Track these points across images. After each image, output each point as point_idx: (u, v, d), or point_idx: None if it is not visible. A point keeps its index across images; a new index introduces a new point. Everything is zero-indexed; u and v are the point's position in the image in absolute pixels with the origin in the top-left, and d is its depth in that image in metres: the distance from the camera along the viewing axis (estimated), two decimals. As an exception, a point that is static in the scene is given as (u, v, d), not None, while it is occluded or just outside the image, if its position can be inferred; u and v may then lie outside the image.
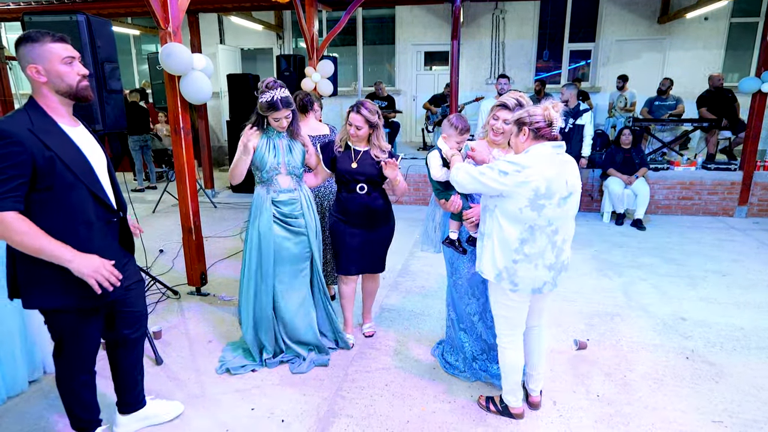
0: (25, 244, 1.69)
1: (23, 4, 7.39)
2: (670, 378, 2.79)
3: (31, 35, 1.75)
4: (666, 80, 7.46)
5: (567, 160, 2.14)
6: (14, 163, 1.66)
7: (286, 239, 2.81)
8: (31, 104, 1.81)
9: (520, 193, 2.05)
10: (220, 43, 10.27)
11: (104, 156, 2.02)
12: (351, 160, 2.86)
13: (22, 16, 2.94)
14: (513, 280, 2.17)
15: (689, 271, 4.44)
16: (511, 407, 2.44)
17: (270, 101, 2.62)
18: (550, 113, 2.08)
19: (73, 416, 2.12)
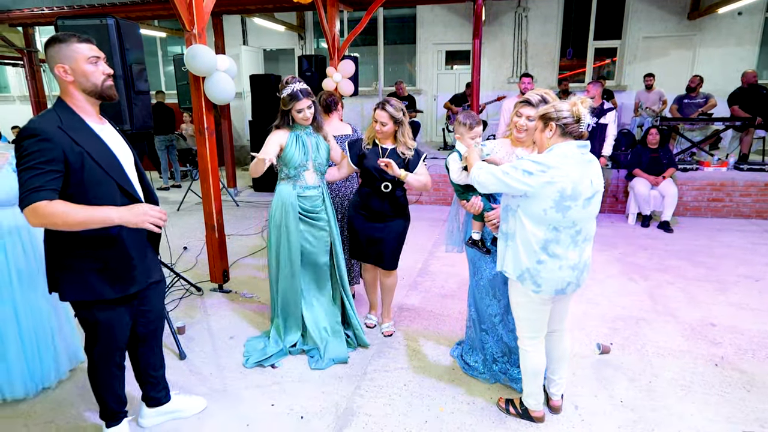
0: (69, 221, 1.72)
1: (56, 9, 7.64)
2: (698, 385, 2.71)
3: (58, 37, 1.83)
4: (695, 77, 7.24)
5: (591, 160, 2.09)
6: (47, 159, 1.72)
7: (311, 234, 2.94)
8: (59, 104, 1.88)
9: (544, 193, 2.01)
10: (244, 44, 10.42)
11: (131, 153, 2.08)
12: (378, 158, 2.92)
13: (56, 20, 3.03)
14: (536, 281, 2.13)
15: (719, 275, 4.31)
16: (531, 410, 2.40)
17: (291, 93, 2.77)
18: (578, 109, 2.02)
19: (103, 406, 2.20)
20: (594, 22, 9.24)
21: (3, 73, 12.34)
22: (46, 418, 2.47)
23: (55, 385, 2.71)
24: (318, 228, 2.95)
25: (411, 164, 2.97)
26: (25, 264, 2.52)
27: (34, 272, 2.54)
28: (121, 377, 2.20)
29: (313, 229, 2.94)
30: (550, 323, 2.36)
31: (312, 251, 2.97)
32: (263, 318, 3.55)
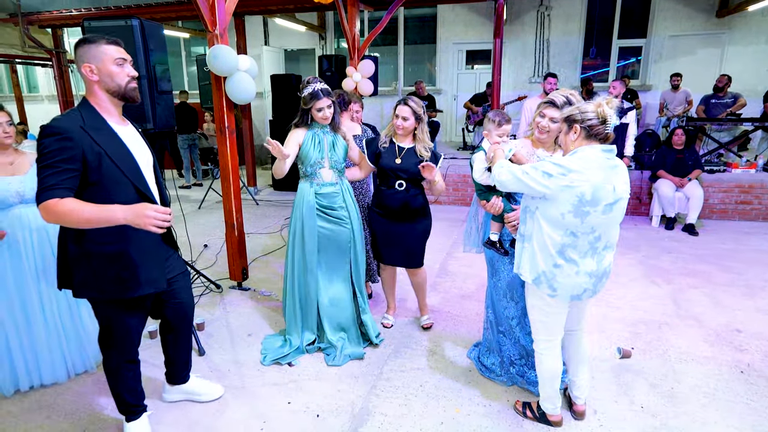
0: (78, 219, 1.74)
1: (84, 11, 7.84)
2: (722, 392, 2.63)
3: (88, 38, 1.88)
4: (723, 77, 7.03)
5: (616, 165, 2.01)
6: (66, 157, 1.76)
7: (329, 230, 2.96)
8: (83, 103, 1.93)
9: (563, 197, 1.97)
10: (265, 44, 10.52)
11: (151, 155, 2.12)
12: (395, 156, 2.95)
13: (83, 21, 3.11)
14: (552, 285, 2.10)
15: (747, 280, 4.18)
16: (549, 415, 2.37)
17: (312, 92, 2.82)
18: (604, 110, 1.95)
19: (120, 400, 2.24)
20: (618, 21, 9.07)
21: (32, 73, 12.72)
22: (68, 409, 2.54)
23: (81, 377, 2.78)
24: (337, 224, 2.97)
25: None
26: (52, 259, 2.61)
27: None
28: (136, 372, 2.24)
29: (332, 225, 2.97)
30: (568, 324, 2.32)
31: (331, 247, 2.99)
32: (281, 316, 3.57)
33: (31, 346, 2.60)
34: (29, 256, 2.56)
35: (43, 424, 2.42)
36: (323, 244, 2.98)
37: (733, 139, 6.96)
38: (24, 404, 2.57)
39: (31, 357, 2.62)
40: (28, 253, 2.56)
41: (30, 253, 2.57)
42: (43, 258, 2.60)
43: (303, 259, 2.98)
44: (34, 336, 2.60)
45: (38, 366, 2.65)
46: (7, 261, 2.52)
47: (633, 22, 9.05)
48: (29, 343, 2.60)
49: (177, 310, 2.32)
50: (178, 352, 2.46)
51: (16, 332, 2.57)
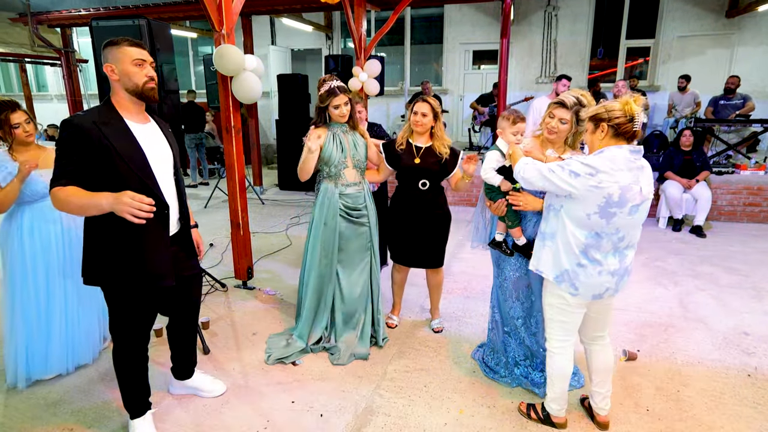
0: (73, 205, 1.87)
1: (92, 10, 7.90)
2: (729, 396, 2.61)
3: (113, 40, 2.00)
4: (733, 78, 6.96)
5: (643, 166, 1.98)
6: (75, 149, 1.89)
7: (351, 230, 2.97)
8: (106, 101, 2.03)
9: (590, 197, 1.94)
10: (272, 44, 10.56)
11: (170, 153, 2.16)
12: (413, 156, 2.95)
13: (91, 21, 3.13)
14: (574, 284, 2.07)
15: (754, 282, 4.15)
16: (553, 416, 2.35)
17: (329, 89, 2.83)
18: (631, 107, 1.91)
19: (126, 395, 2.26)
20: (626, 21, 9.01)
21: (42, 72, 12.84)
22: (74, 407, 2.56)
23: (87, 374, 2.81)
24: (359, 224, 2.99)
25: (448, 164, 2.95)
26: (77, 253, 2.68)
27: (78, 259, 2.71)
28: (143, 368, 2.26)
29: (354, 226, 2.98)
30: (592, 329, 2.29)
31: (351, 246, 3.00)
32: (286, 315, 3.59)
33: (49, 338, 2.68)
34: (58, 248, 2.66)
35: (50, 421, 2.44)
36: (344, 243, 2.98)
37: (741, 141, 6.90)
38: (31, 401, 2.59)
39: (49, 349, 2.69)
40: (58, 245, 2.66)
41: (59, 245, 2.67)
42: (71, 250, 2.70)
43: (323, 258, 2.98)
44: (52, 328, 2.68)
45: (47, 358, 2.71)
46: (39, 253, 2.61)
47: (641, 22, 8.99)
48: (47, 336, 2.68)
49: (184, 309, 2.40)
50: (182, 349, 2.53)
51: (37, 325, 2.65)
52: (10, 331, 2.64)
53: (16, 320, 2.62)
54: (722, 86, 7.13)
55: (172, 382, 2.64)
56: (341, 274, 3.03)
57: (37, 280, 2.62)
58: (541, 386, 2.62)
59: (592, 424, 2.39)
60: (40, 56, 9.25)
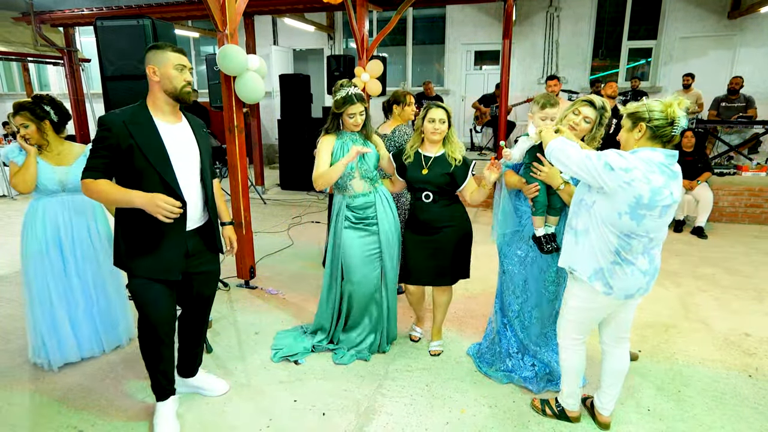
0: (106, 198, 2.07)
1: (96, 10, 7.92)
2: (729, 396, 2.62)
3: (158, 45, 2.14)
4: (737, 78, 6.92)
5: (676, 172, 1.93)
6: (105, 145, 2.04)
7: (358, 242, 2.87)
8: (141, 101, 2.16)
9: (620, 195, 1.89)
10: (274, 44, 10.57)
11: (197, 152, 2.26)
12: (421, 167, 2.77)
13: (95, 20, 3.15)
14: (608, 283, 2.03)
15: (756, 283, 4.15)
16: (569, 411, 2.37)
17: (345, 96, 2.75)
18: (674, 110, 1.86)
19: (153, 379, 2.36)
20: (628, 22, 9.01)
21: (44, 71, 12.86)
22: (79, 405, 2.57)
23: (109, 365, 2.85)
24: (368, 232, 2.88)
25: (458, 176, 2.74)
26: (89, 243, 2.89)
27: (100, 250, 2.93)
28: (167, 356, 2.33)
29: (363, 237, 2.87)
30: (616, 330, 2.27)
31: (361, 258, 2.87)
32: (288, 314, 3.60)
33: (76, 322, 2.87)
34: (69, 239, 2.81)
35: (54, 419, 2.45)
36: (350, 251, 2.86)
37: (743, 142, 6.90)
38: (36, 399, 2.61)
39: (76, 333, 2.88)
40: (69, 236, 2.81)
41: (71, 237, 2.81)
42: (81, 241, 2.85)
43: (333, 267, 2.96)
44: (75, 313, 2.86)
45: (79, 341, 2.91)
46: (51, 244, 2.76)
47: (643, 23, 8.99)
48: (74, 321, 2.86)
49: (196, 304, 2.44)
50: (189, 345, 2.55)
51: (65, 310, 2.82)
52: (33, 317, 2.80)
53: (35, 307, 2.78)
54: (724, 87, 7.13)
55: (177, 380, 2.62)
56: (347, 281, 2.92)
57: (53, 269, 2.78)
58: (531, 382, 2.67)
59: (593, 423, 2.40)
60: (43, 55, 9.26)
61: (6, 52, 8.90)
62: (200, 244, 2.32)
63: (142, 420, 2.44)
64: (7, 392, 2.67)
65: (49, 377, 2.79)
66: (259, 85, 3.76)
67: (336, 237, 2.91)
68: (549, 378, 2.69)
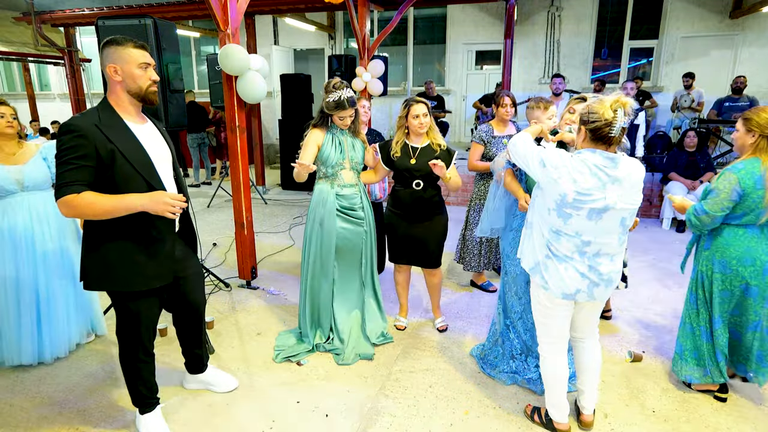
0: (98, 211, 1.86)
1: (96, 10, 7.91)
2: (735, 398, 2.60)
3: (116, 39, 1.96)
4: (741, 78, 6.88)
5: (619, 178, 1.89)
6: (81, 154, 1.85)
7: (347, 231, 2.97)
8: (103, 103, 2.00)
9: (549, 191, 1.97)
10: (275, 44, 10.56)
11: (169, 151, 2.17)
12: (409, 157, 2.95)
13: (97, 20, 3.13)
14: (543, 276, 2.08)
15: (759, 283, 4.13)
16: (555, 422, 2.30)
17: (338, 100, 2.79)
18: (609, 111, 1.85)
19: (134, 392, 2.29)
20: (630, 22, 9.00)
21: (44, 71, 12.85)
22: (80, 405, 2.56)
23: (93, 372, 2.82)
24: (355, 224, 2.99)
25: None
26: (50, 244, 2.81)
27: (57, 253, 2.85)
28: (150, 365, 2.28)
29: (350, 226, 2.98)
30: (574, 331, 2.28)
31: (348, 248, 3.00)
32: (289, 315, 3.59)
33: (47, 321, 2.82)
34: (29, 240, 2.74)
35: (55, 420, 2.44)
36: (341, 245, 2.98)
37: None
38: (36, 400, 2.60)
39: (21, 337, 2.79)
40: (29, 237, 2.74)
41: (30, 237, 2.75)
42: (42, 243, 2.79)
43: (319, 260, 2.98)
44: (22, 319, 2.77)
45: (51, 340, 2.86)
46: (8, 245, 2.71)
47: (645, 23, 8.97)
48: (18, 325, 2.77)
49: (188, 308, 2.40)
50: (190, 346, 2.56)
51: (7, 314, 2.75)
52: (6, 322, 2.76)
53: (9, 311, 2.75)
54: (726, 87, 7.12)
55: (186, 376, 2.68)
56: (337, 275, 3.03)
57: (4, 271, 2.72)
58: (535, 383, 2.65)
59: (600, 427, 2.38)
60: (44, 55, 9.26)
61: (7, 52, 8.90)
62: (183, 246, 2.28)
63: (144, 421, 2.42)
64: (8, 393, 2.65)
65: (51, 378, 2.78)
66: (261, 84, 3.74)
67: (326, 225, 2.92)
68: None
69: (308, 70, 10.83)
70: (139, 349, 2.20)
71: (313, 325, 3.10)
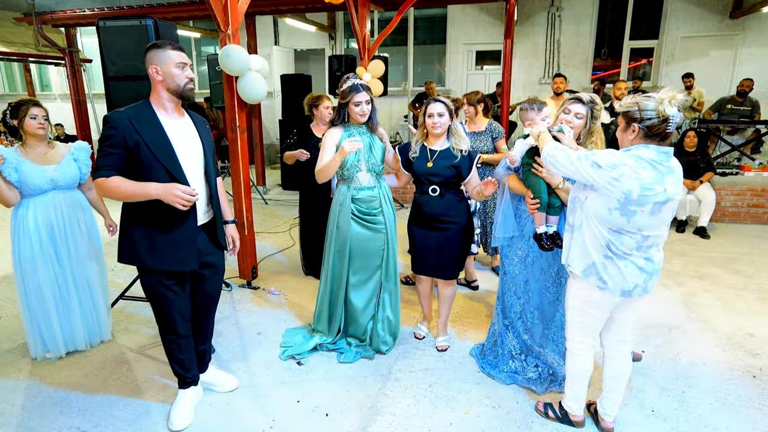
0: (123, 194, 2.08)
1: (97, 10, 7.92)
2: (734, 397, 2.61)
3: (158, 43, 2.16)
4: (747, 81, 6.79)
5: (672, 168, 1.92)
6: (112, 143, 2.08)
7: (363, 235, 2.89)
8: (144, 100, 2.21)
9: (610, 191, 1.89)
10: (275, 44, 10.56)
11: (200, 147, 2.30)
12: (426, 160, 2.82)
13: (98, 21, 3.14)
14: (602, 277, 2.01)
15: (759, 283, 4.14)
16: (572, 414, 2.35)
17: (352, 85, 2.78)
18: (665, 108, 1.83)
19: (173, 369, 2.46)
20: (630, 22, 9.00)
21: (45, 72, 12.86)
22: (80, 406, 2.57)
23: (92, 372, 2.83)
24: (374, 230, 2.89)
25: (462, 169, 2.79)
26: (80, 239, 2.95)
27: (87, 246, 2.99)
28: (184, 346, 2.40)
29: (368, 231, 2.89)
30: (616, 332, 2.23)
31: (365, 253, 2.90)
32: (290, 315, 3.60)
33: (67, 316, 2.94)
34: (62, 236, 2.87)
35: (57, 420, 2.45)
36: (357, 249, 2.89)
37: (745, 141, 6.88)
38: (38, 400, 2.61)
39: (66, 326, 2.95)
40: (61, 233, 2.87)
41: (63, 233, 2.87)
42: (74, 238, 2.92)
43: (338, 263, 2.94)
44: (69, 307, 2.94)
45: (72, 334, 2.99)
46: (47, 241, 2.83)
47: (645, 23, 8.97)
48: (66, 314, 2.93)
49: (204, 297, 2.47)
50: (197, 342, 2.57)
51: (54, 305, 2.89)
52: (29, 313, 2.88)
53: (31, 303, 2.86)
54: (726, 87, 7.10)
55: None
56: (351, 279, 2.94)
57: (46, 265, 2.84)
58: (536, 383, 2.66)
59: (597, 429, 2.38)
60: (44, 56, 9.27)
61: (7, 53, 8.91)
62: (206, 240, 2.37)
63: (145, 420, 2.44)
64: (10, 393, 2.67)
65: (53, 378, 2.79)
66: (262, 85, 3.75)
67: (341, 228, 2.88)
68: (552, 379, 2.68)
69: (309, 71, 10.83)
70: (168, 330, 2.35)
71: (322, 323, 3.09)
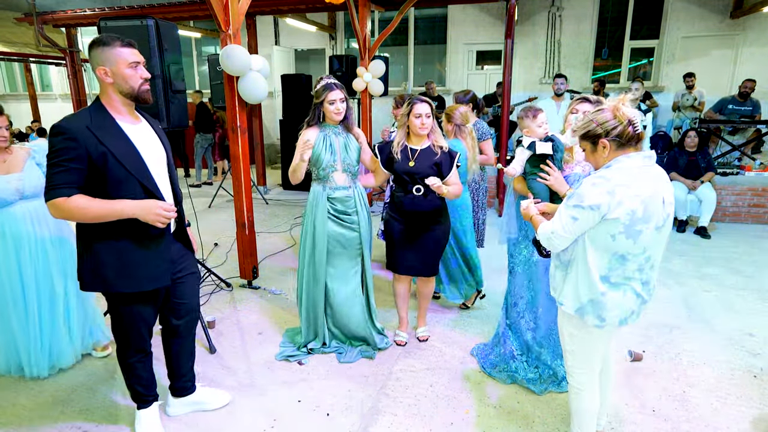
0: (89, 215, 1.85)
1: (98, 10, 7.92)
2: (734, 397, 2.61)
3: (102, 39, 1.89)
4: (749, 82, 6.76)
5: (659, 174, 1.77)
6: (71, 156, 1.82)
7: (340, 234, 2.91)
8: (95, 103, 1.96)
9: (613, 216, 1.70)
10: (275, 44, 10.57)
11: (164, 152, 2.12)
12: (408, 159, 2.83)
13: (99, 21, 3.14)
14: (600, 315, 1.83)
15: (760, 283, 4.14)
16: None
17: (326, 84, 2.80)
18: (623, 112, 1.73)
19: (131, 390, 2.29)
20: (630, 22, 9.00)
21: (46, 72, 12.87)
22: (82, 405, 2.57)
23: (96, 372, 2.83)
24: (348, 229, 2.92)
25: (444, 167, 2.82)
26: (52, 250, 2.70)
27: (56, 259, 2.73)
28: (147, 363, 2.26)
29: (343, 230, 2.91)
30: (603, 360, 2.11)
31: (341, 252, 2.94)
32: (291, 315, 3.60)
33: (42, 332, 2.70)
34: (31, 248, 2.63)
35: (58, 419, 2.46)
36: (334, 249, 2.91)
37: (745, 141, 6.88)
38: (39, 400, 2.61)
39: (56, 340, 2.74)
40: (31, 246, 2.63)
41: (33, 246, 2.64)
42: (44, 250, 2.68)
43: (312, 264, 2.93)
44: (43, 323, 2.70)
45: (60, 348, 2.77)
46: (12, 254, 2.61)
47: (646, 23, 8.97)
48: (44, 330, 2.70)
49: (179, 311, 2.28)
50: (181, 359, 2.39)
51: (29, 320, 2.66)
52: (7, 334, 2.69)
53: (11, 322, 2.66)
54: (727, 87, 7.10)
55: (170, 402, 2.47)
56: (329, 279, 2.94)
57: (12, 281, 2.62)
58: (535, 383, 2.67)
59: (598, 424, 2.38)
60: (45, 56, 9.29)
61: (8, 53, 8.93)
62: (180, 248, 2.23)
63: (146, 420, 2.43)
64: (11, 393, 2.67)
65: (53, 377, 2.79)
66: (263, 85, 3.76)
67: (318, 227, 2.87)
68: (553, 379, 2.68)
69: (309, 71, 10.83)
70: (133, 348, 2.17)
71: (312, 330, 3.06)
